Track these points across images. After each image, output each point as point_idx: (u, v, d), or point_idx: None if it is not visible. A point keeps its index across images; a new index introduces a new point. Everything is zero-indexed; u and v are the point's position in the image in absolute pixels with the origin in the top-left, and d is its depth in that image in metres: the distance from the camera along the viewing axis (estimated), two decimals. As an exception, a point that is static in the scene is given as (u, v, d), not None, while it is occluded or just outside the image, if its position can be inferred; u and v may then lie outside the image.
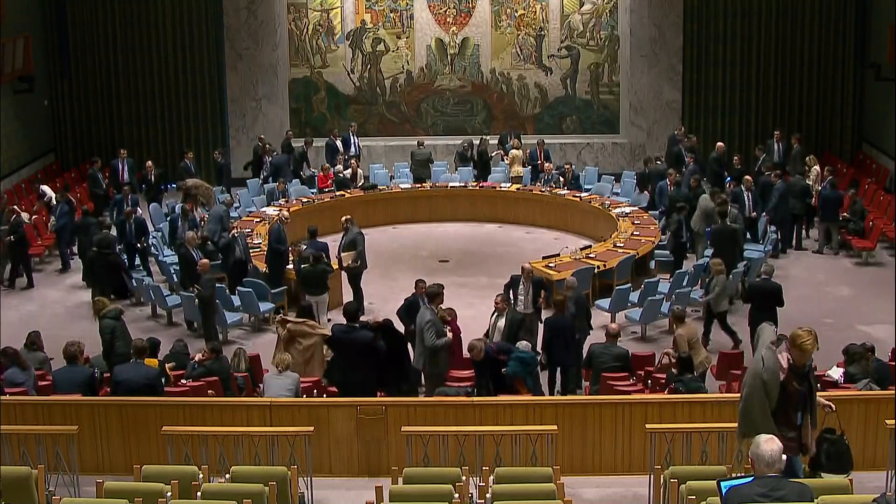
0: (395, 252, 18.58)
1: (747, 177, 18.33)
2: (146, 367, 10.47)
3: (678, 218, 16.45)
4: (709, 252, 16.00)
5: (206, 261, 14.77)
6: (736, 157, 20.42)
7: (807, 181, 18.82)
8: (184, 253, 15.28)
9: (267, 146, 21.48)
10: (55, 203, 18.78)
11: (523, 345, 11.41)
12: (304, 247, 15.46)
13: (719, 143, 20.86)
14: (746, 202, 17.65)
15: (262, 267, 15.77)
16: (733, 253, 15.64)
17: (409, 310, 12.70)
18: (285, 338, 12.25)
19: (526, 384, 11.18)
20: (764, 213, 17.90)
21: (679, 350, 11.83)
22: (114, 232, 16.99)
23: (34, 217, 18.85)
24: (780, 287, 13.57)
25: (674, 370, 11.08)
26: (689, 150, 20.42)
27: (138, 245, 16.86)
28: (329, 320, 14.85)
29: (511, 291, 13.71)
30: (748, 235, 17.38)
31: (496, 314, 12.59)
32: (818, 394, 7.52)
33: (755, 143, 22.20)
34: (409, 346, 12.13)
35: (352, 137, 21.99)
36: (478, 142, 21.91)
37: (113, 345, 11.97)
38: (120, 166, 20.63)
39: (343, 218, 16.19)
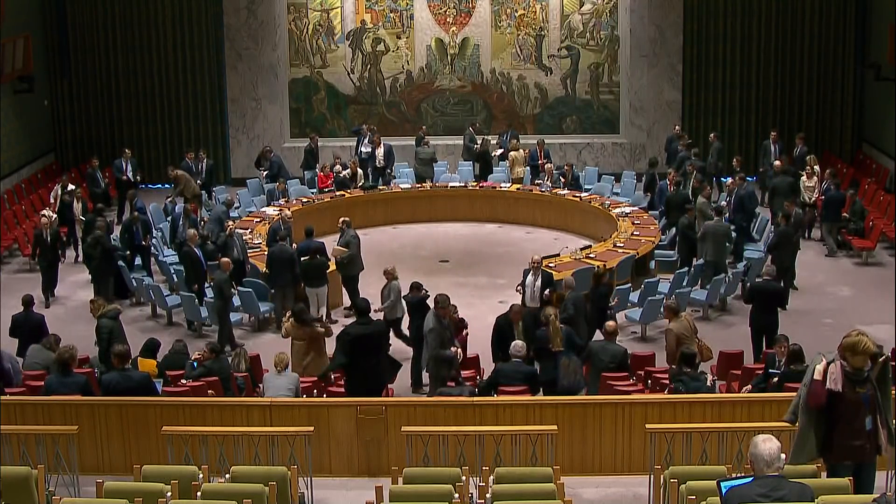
0: (395, 252, 18.57)
1: (740, 176, 18.32)
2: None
3: (687, 220, 16.42)
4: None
5: (227, 259, 14.76)
6: (736, 158, 20.36)
7: (806, 181, 18.78)
8: (187, 251, 15.27)
9: (265, 148, 21.49)
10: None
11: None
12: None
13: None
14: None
15: (262, 267, 15.77)
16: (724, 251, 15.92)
17: (418, 308, 12.73)
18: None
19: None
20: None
21: (666, 345, 11.91)
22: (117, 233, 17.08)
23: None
24: (782, 288, 13.57)
25: (672, 366, 11.12)
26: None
27: (143, 244, 16.84)
28: (326, 316, 14.91)
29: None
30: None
31: (531, 273, 13.69)
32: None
33: (755, 142, 22.19)
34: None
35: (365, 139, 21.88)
36: (480, 141, 21.93)
37: (110, 345, 11.94)
38: (124, 166, 20.63)
39: (340, 220, 16.19)
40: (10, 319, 13.39)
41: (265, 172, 21.04)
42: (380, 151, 21.24)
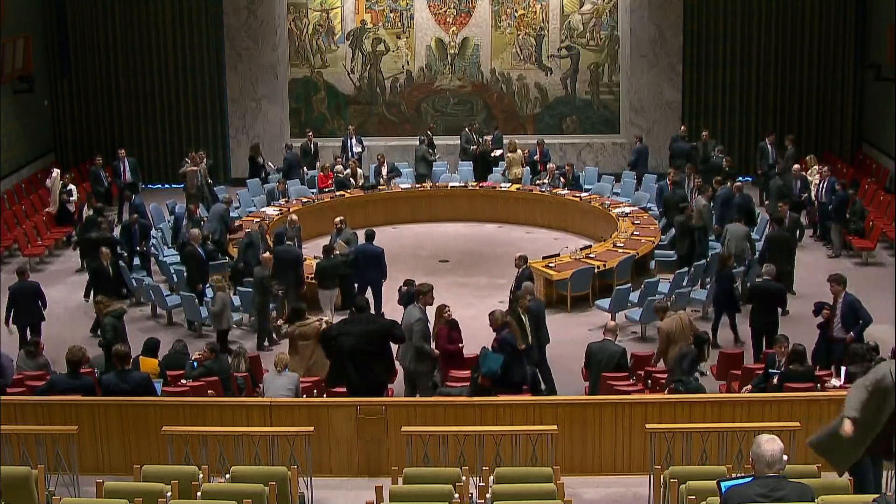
0: (395, 252, 18.53)
1: (738, 183, 18.27)
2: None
3: (682, 219, 16.41)
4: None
5: (268, 255, 14.74)
6: (726, 159, 20.25)
7: (818, 180, 18.75)
8: (190, 251, 15.27)
9: (254, 143, 21.69)
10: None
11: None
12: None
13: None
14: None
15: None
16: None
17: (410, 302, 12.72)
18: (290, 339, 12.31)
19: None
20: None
21: (659, 343, 11.94)
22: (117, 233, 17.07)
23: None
24: (782, 289, 13.55)
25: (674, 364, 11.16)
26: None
27: (137, 248, 16.85)
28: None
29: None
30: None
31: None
32: None
33: (755, 143, 22.17)
34: None
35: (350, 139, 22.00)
36: (480, 141, 21.92)
37: (113, 344, 11.94)
38: (122, 167, 20.63)
39: (336, 219, 16.14)
40: (7, 290, 13.55)
41: (277, 167, 21.15)
42: (384, 169, 21.25)
